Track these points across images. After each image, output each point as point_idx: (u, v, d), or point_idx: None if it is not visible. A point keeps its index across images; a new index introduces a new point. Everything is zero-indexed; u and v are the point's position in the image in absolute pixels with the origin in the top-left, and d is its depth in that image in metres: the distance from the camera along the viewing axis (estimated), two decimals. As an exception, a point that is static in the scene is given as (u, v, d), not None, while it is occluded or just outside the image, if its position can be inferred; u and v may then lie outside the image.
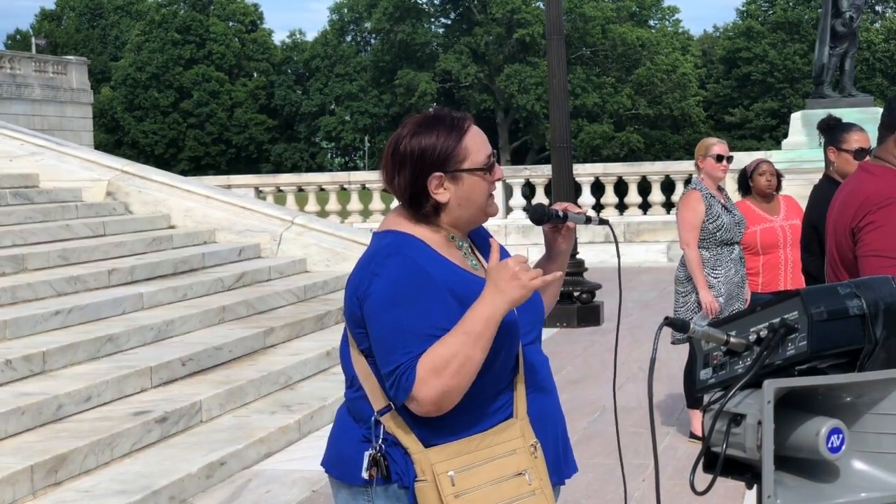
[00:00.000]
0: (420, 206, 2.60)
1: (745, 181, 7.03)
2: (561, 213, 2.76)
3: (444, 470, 2.49)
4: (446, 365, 2.43)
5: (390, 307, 2.49)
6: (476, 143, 2.61)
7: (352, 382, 2.65)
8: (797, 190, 14.72)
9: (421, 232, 2.62)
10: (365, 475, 2.55)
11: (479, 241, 2.77)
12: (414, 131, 2.61)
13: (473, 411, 2.54)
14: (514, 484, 2.53)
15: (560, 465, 2.72)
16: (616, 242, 2.97)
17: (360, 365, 2.60)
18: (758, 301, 6.56)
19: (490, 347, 2.47)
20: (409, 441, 2.53)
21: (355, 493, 2.61)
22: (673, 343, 6.50)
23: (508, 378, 2.59)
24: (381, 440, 2.55)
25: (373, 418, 2.57)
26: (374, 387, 2.57)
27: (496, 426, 2.56)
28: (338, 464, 2.66)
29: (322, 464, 2.74)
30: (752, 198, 7.01)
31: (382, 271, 2.53)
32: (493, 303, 2.46)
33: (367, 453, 2.56)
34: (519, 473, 2.54)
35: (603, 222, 2.86)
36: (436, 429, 2.52)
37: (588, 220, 2.78)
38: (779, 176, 7.05)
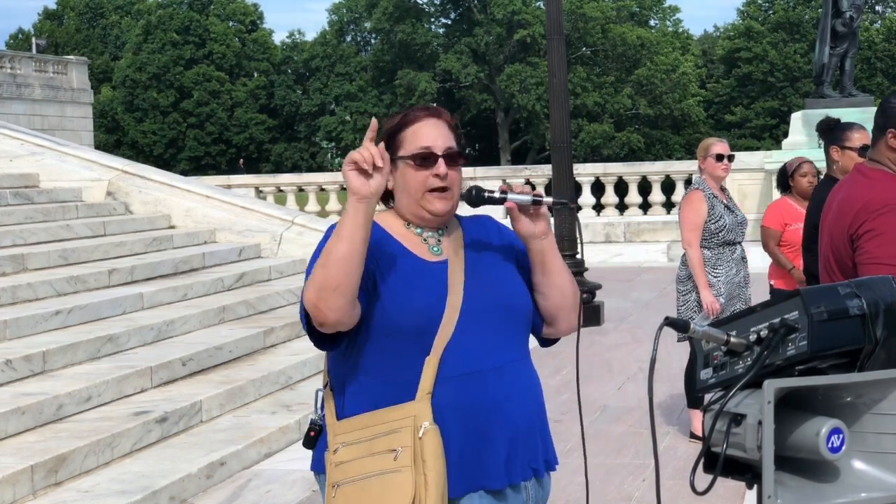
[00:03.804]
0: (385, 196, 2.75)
1: (785, 179, 7.03)
2: (497, 195, 2.64)
3: (340, 441, 2.60)
4: (314, 270, 2.49)
5: (312, 261, 2.58)
6: (417, 135, 2.65)
7: None
8: (797, 190, 14.72)
9: (382, 218, 2.72)
10: (305, 438, 2.73)
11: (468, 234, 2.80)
12: (388, 117, 2.77)
13: (381, 388, 2.60)
14: (383, 459, 2.54)
15: (499, 464, 2.62)
16: (579, 228, 2.88)
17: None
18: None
19: (358, 249, 2.47)
20: (328, 413, 2.68)
21: (319, 480, 2.76)
22: (679, 340, 6.48)
23: (418, 360, 2.58)
24: (321, 413, 2.72)
25: (317, 390, 2.74)
26: (325, 364, 2.77)
27: (395, 405, 2.58)
28: (314, 455, 2.79)
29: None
30: (791, 196, 6.99)
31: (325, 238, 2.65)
32: (348, 200, 2.52)
33: (310, 417, 2.74)
34: (391, 450, 2.54)
35: (560, 203, 2.73)
36: (349, 403, 2.64)
37: (536, 202, 2.65)
38: (818, 175, 7.03)
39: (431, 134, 2.66)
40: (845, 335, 2.27)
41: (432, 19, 64.08)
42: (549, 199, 2.67)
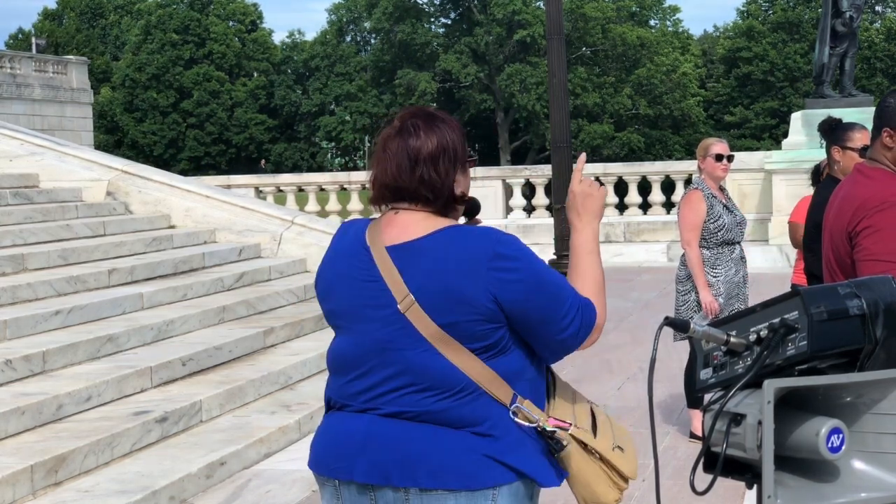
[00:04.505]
0: (453, 198, 2.66)
1: (818, 176, 7.04)
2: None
3: (578, 412, 2.70)
4: (597, 287, 2.69)
5: (547, 270, 2.62)
6: None
7: (462, 389, 2.58)
8: (797, 190, 14.73)
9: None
10: (561, 435, 2.62)
11: None
12: (429, 127, 2.64)
13: (541, 380, 2.70)
14: (605, 418, 2.75)
15: None
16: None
17: (476, 368, 2.58)
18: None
19: None
20: (536, 414, 2.63)
21: (477, 497, 2.57)
22: (676, 340, 6.49)
23: None
24: (535, 423, 2.63)
25: (513, 406, 2.60)
26: (500, 384, 2.59)
27: (560, 387, 2.75)
28: (453, 473, 2.57)
29: (410, 480, 2.60)
30: None
31: (517, 251, 2.60)
32: (590, 223, 2.78)
33: (534, 426, 2.61)
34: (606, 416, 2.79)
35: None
36: (537, 396, 2.66)
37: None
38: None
39: None
40: (845, 335, 2.27)
41: (432, 19, 64.09)
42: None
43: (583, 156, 2.87)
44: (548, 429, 2.59)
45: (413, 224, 2.61)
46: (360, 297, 2.63)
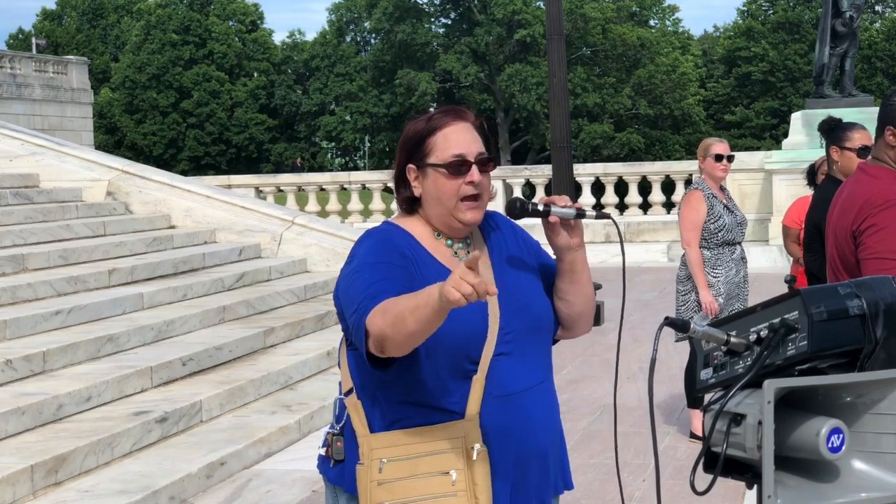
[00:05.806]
0: (399, 193, 2.66)
1: (813, 177, 7.05)
2: (541, 207, 2.57)
3: (379, 456, 2.51)
4: (388, 312, 2.33)
5: (362, 267, 2.51)
6: (448, 141, 2.57)
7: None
8: (797, 190, 14.73)
9: (410, 225, 2.64)
10: (322, 451, 2.64)
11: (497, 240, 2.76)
12: (413, 120, 2.67)
13: (423, 406, 2.52)
14: (437, 481, 2.49)
15: (530, 486, 2.64)
16: (621, 239, 2.73)
17: (343, 350, 2.67)
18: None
19: (428, 329, 2.30)
20: (358, 423, 2.57)
21: (328, 487, 2.70)
22: (677, 340, 6.49)
23: (464, 380, 2.53)
24: (342, 423, 2.62)
25: (337, 398, 2.65)
26: (346, 371, 2.64)
27: (441, 423, 2.52)
28: (320, 459, 2.74)
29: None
30: None
31: (359, 248, 2.60)
32: (437, 286, 2.24)
33: (326, 431, 2.66)
34: (445, 472, 2.49)
35: (602, 216, 2.62)
36: (387, 417, 2.55)
37: (580, 215, 2.57)
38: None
39: (463, 139, 2.58)
40: (845, 335, 2.27)
41: (432, 19, 64.06)
42: (593, 213, 2.60)
43: (476, 252, 2.28)
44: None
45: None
46: None
